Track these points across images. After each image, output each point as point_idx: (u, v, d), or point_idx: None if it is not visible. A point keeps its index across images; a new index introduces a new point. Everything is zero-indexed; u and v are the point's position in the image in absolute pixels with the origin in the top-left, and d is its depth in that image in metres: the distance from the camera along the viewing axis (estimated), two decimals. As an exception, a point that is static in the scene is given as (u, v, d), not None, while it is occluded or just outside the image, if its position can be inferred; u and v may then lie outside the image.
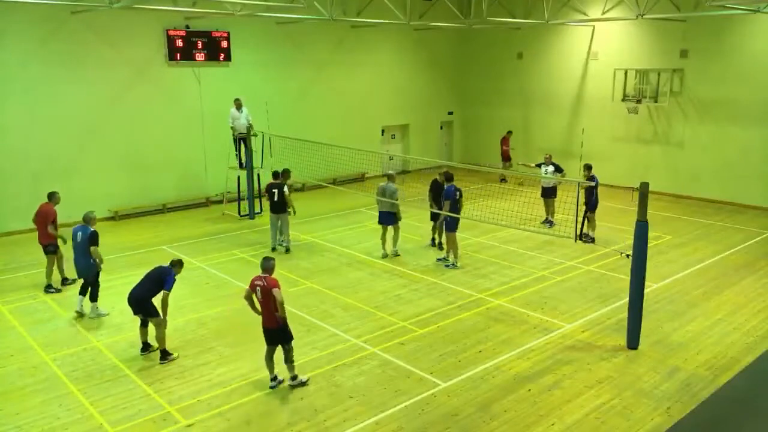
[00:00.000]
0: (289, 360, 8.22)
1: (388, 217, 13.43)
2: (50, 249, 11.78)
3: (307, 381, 8.36)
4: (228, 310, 10.85)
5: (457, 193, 12.74)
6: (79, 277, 10.80)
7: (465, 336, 9.83)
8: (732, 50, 18.14)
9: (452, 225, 12.82)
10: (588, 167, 14.29)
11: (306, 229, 15.90)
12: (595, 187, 14.10)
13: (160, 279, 8.95)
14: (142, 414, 7.69)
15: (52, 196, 11.87)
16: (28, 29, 15.33)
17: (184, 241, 14.93)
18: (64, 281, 12.10)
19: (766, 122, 17.84)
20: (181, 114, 18.15)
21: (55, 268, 11.94)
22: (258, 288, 8.05)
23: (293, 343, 8.27)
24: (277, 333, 8.14)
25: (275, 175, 13.99)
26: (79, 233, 10.52)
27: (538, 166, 16.13)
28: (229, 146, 17.29)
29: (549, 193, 15.97)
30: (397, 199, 13.12)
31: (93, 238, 10.44)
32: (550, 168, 15.65)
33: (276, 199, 13.71)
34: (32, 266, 13.22)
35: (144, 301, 8.95)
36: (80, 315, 10.63)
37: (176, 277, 9.07)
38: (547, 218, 16.12)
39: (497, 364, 8.94)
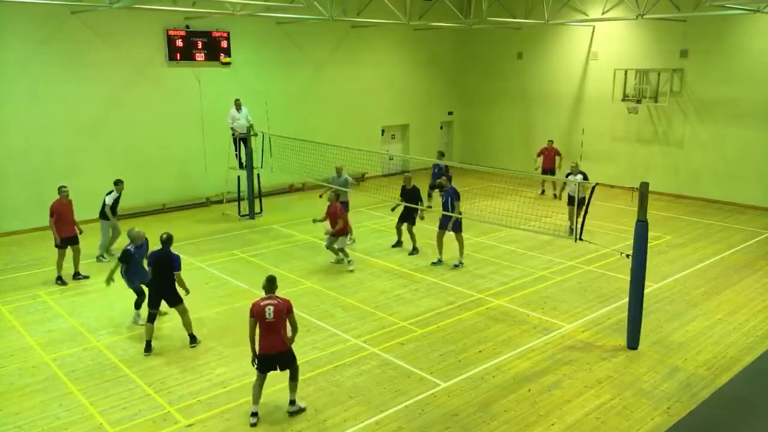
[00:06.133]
0: (296, 378, 7.66)
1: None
2: (65, 242, 12.07)
3: (304, 407, 7.77)
4: (228, 310, 10.85)
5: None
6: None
7: (465, 336, 9.83)
8: (732, 50, 18.13)
9: (459, 225, 12.94)
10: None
11: (306, 229, 15.89)
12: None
13: (170, 263, 9.13)
14: (142, 414, 7.69)
15: (58, 192, 12.16)
16: (28, 29, 15.32)
17: (184, 241, 14.91)
18: (76, 275, 12.31)
19: (766, 122, 17.84)
20: (181, 114, 18.14)
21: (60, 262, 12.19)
22: (270, 308, 7.31)
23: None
24: (286, 356, 7.54)
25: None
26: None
27: (567, 176, 15.78)
28: (229, 146, 17.31)
29: (575, 201, 15.54)
30: (351, 187, 14.74)
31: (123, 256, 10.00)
32: (579, 177, 15.08)
33: None
34: (32, 266, 13.24)
35: (170, 292, 9.19)
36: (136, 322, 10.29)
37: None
38: (570, 226, 15.74)
39: (497, 364, 8.94)
